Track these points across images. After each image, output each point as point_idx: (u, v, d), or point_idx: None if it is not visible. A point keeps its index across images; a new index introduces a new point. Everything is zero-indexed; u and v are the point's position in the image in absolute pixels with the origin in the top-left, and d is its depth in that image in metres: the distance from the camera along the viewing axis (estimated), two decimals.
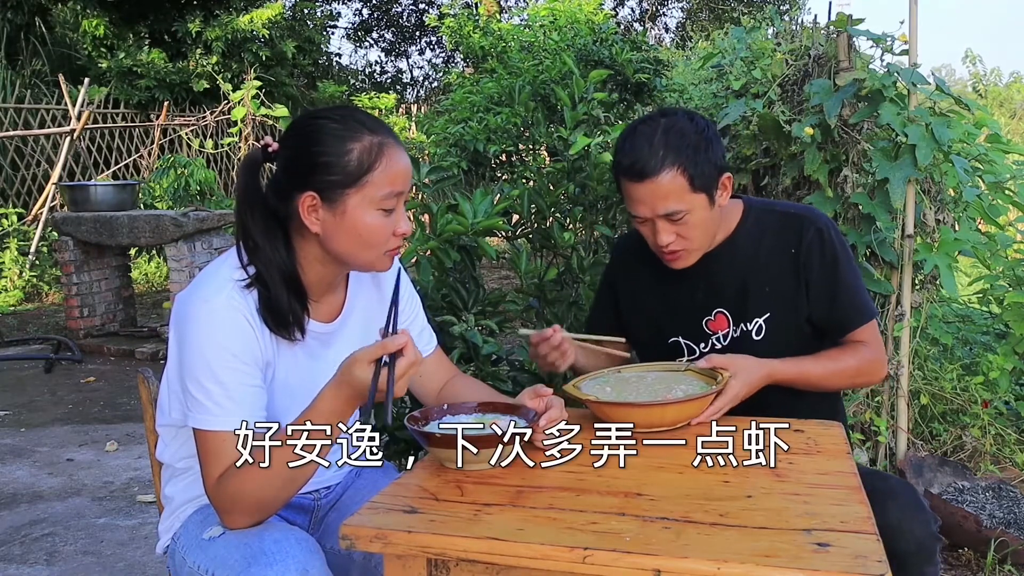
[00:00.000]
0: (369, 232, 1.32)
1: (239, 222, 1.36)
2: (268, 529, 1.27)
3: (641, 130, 1.57)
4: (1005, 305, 2.96)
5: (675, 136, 1.54)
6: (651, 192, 1.54)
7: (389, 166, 1.32)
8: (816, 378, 1.63)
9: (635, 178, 1.55)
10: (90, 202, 5.60)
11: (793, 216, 1.69)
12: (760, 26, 3.94)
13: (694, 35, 12.93)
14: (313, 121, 1.35)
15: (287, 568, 1.18)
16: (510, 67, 6.11)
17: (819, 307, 1.67)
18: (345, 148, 1.30)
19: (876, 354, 1.67)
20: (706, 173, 1.55)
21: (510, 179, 4.34)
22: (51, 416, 4.30)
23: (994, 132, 2.95)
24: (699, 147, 1.54)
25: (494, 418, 1.40)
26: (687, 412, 1.44)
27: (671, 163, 1.52)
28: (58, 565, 2.65)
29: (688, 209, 1.55)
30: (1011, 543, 2.36)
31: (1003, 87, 15.33)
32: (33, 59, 10.32)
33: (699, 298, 1.72)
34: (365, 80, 18.98)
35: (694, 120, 1.58)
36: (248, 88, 8.05)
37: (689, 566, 0.97)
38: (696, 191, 1.55)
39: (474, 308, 2.30)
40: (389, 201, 1.33)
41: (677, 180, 1.53)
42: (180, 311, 1.32)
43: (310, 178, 1.31)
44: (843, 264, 1.66)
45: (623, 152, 1.57)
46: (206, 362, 1.27)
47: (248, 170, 1.37)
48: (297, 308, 1.35)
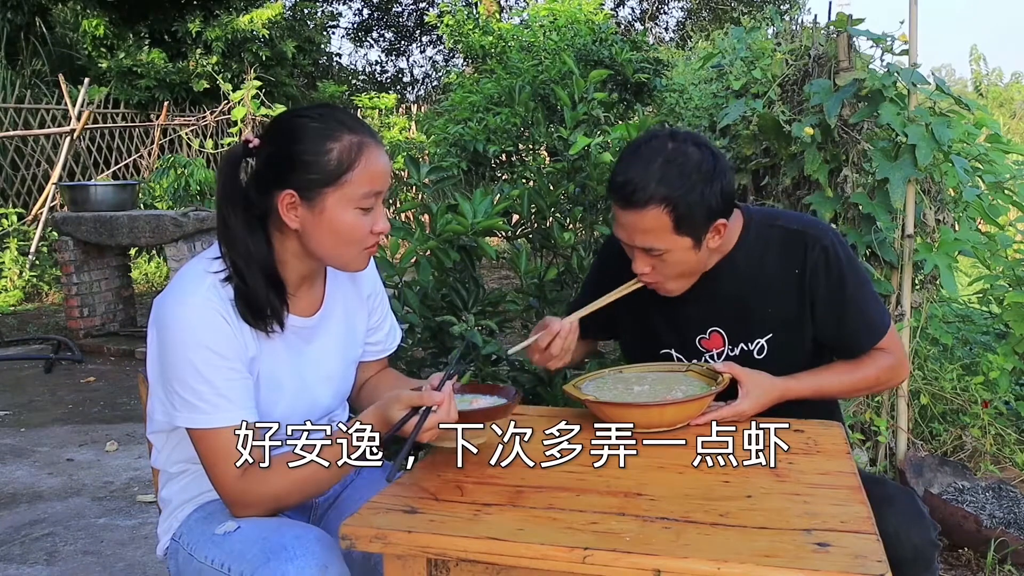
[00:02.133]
0: (347, 230, 1.34)
1: (219, 217, 1.37)
2: (286, 525, 1.28)
3: (645, 151, 1.48)
4: (1005, 305, 2.96)
5: (674, 170, 1.45)
6: (633, 222, 1.48)
7: (368, 165, 1.33)
8: (834, 391, 1.60)
9: (620, 202, 1.48)
10: (90, 202, 5.60)
11: (797, 233, 1.60)
12: (760, 26, 3.95)
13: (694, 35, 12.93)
14: (294, 119, 1.36)
15: (307, 564, 1.19)
16: (510, 67, 6.11)
17: (826, 328, 1.60)
18: (325, 147, 1.31)
19: (896, 359, 1.62)
20: (695, 217, 1.46)
21: (510, 179, 4.34)
22: (51, 416, 4.30)
23: (994, 132, 2.95)
24: (695, 188, 1.45)
25: (474, 397, 1.40)
26: (686, 412, 1.43)
27: (659, 200, 1.44)
28: (58, 565, 2.65)
29: (667, 249, 1.49)
30: (1011, 543, 2.36)
31: (1003, 87, 15.32)
32: (33, 59, 10.32)
33: (694, 315, 1.64)
34: (366, 80, 18.98)
35: (703, 154, 1.48)
36: (248, 88, 8.06)
37: (689, 566, 0.97)
38: (680, 234, 1.47)
39: (474, 308, 2.30)
40: (367, 200, 1.34)
41: (661, 219, 1.45)
42: (158, 314, 1.32)
43: (290, 176, 1.32)
44: (850, 283, 1.58)
45: (619, 167, 1.49)
46: (190, 363, 1.28)
47: (228, 165, 1.38)
48: (275, 301, 1.37)
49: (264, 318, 1.35)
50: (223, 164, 1.39)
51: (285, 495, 1.30)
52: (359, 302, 1.57)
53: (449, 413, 1.24)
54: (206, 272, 1.35)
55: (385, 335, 1.65)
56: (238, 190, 1.36)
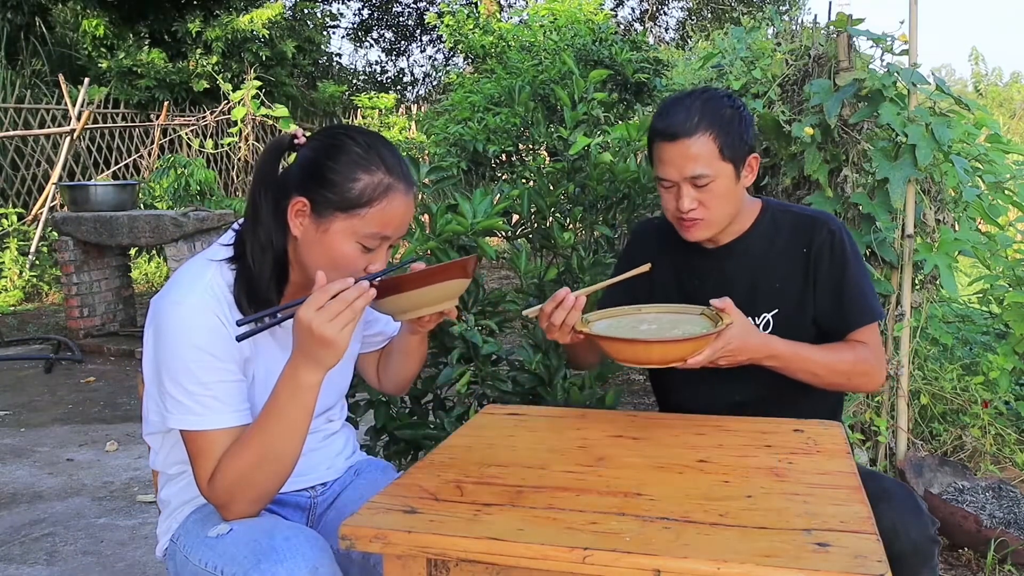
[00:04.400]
0: (341, 258, 1.33)
1: (251, 199, 1.38)
2: (278, 527, 1.28)
3: (681, 99, 1.64)
4: (1005, 305, 2.96)
5: (712, 106, 1.60)
6: (681, 153, 1.59)
7: (387, 210, 1.33)
8: (810, 365, 1.61)
9: (668, 138, 1.60)
10: (90, 202, 5.61)
11: (808, 218, 1.72)
12: (760, 26, 3.94)
13: (694, 35, 12.93)
14: (342, 136, 1.36)
15: (297, 565, 1.19)
16: (510, 67, 6.11)
17: (824, 303, 1.67)
18: (354, 175, 1.31)
19: (874, 356, 1.66)
20: (736, 145, 1.60)
21: (510, 179, 4.34)
22: (51, 416, 4.30)
23: (994, 132, 2.95)
24: (733, 121, 1.61)
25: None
26: (673, 352, 1.43)
27: (704, 128, 1.58)
28: (58, 565, 2.65)
29: (714, 176, 1.60)
30: (1011, 543, 2.36)
31: (1003, 87, 15.32)
32: (33, 59, 10.33)
33: (709, 292, 1.70)
34: (366, 80, 18.98)
35: (732, 99, 1.65)
36: (248, 88, 8.05)
37: (689, 566, 0.97)
38: (724, 160, 1.60)
39: (474, 308, 2.29)
40: (372, 240, 1.34)
41: (708, 145, 1.58)
42: (155, 314, 1.33)
43: (311, 185, 1.33)
44: (852, 264, 1.67)
45: (660, 117, 1.63)
46: (184, 364, 1.28)
47: (271, 152, 1.40)
48: (274, 294, 1.38)
49: (259, 303, 1.35)
50: (267, 149, 1.41)
51: (256, 475, 1.28)
52: None
53: (359, 287, 1.23)
54: (209, 261, 1.36)
55: (384, 324, 1.67)
56: (274, 177, 1.38)
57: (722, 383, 1.69)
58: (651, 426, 1.51)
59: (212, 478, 1.29)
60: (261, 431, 1.27)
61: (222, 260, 1.37)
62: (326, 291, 1.22)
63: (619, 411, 1.75)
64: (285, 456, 1.29)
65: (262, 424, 1.28)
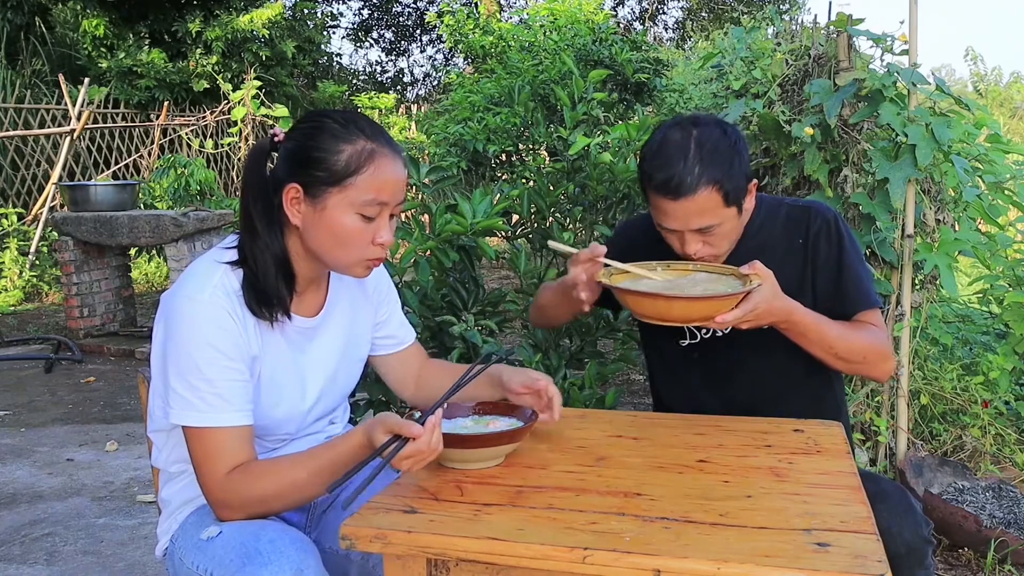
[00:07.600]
0: (345, 233, 1.34)
1: (242, 207, 1.39)
2: (264, 529, 1.28)
3: (673, 141, 1.54)
4: (1005, 305, 2.96)
5: (709, 151, 1.51)
6: (686, 210, 1.52)
7: (377, 173, 1.33)
8: (830, 340, 1.58)
9: (670, 195, 1.52)
10: (90, 202, 5.60)
11: (801, 208, 1.71)
12: (760, 26, 3.94)
13: (694, 35, 12.93)
14: (317, 118, 1.37)
15: (281, 568, 1.19)
16: (510, 67, 6.11)
17: (825, 289, 1.65)
18: (337, 148, 1.32)
19: (886, 342, 1.65)
20: (738, 187, 1.55)
21: (510, 179, 4.34)
22: (51, 416, 4.30)
23: (994, 132, 2.95)
24: (732, 161, 1.53)
25: (492, 419, 1.41)
26: (694, 311, 1.40)
27: (706, 182, 1.50)
28: (58, 565, 2.65)
29: (721, 222, 1.55)
30: (1011, 543, 2.36)
31: (1003, 87, 15.32)
32: (33, 59, 10.32)
33: None
34: (366, 80, 18.98)
35: (725, 131, 1.56)
36: (248, 88, 8.06)
37: (689, 566, 0.97)
38: (728, 205, 1.54)
39: (474, 308, 2.30)
40: (370, 208, 1.33)
41: (712, 198, 1.52)
42: (165, 310, 1.34)
43: (299, 170, 1.34)
44: (849, 250, 1.66)
45: (655, 166, 1.53)
46: (192, 360, 1.29)
47: (255, 156, 1.40)
48: (284, 291, 1.38)
49: (271, 305, 1.36)
50: (250, 154, 1.41)
51: (271, 499, 1.30)
52: (364, 298, 1.58)
53: (429, 444, 1.20)
54: (217, 263, 1.36)
55: (396, 328, 1.66)
56: (262, 181, 1.38)
57: (721, 383, 1.69)
58: (651, 426, 1.51)
59: (231, 477, 1.29)
60: (305, 469, 1.27)
61: (227, 263, 1.37)
62: None
63: (619, 411, 1.75)
64: (308, 497, 1.32)
65: (307, 464, 1.28)
